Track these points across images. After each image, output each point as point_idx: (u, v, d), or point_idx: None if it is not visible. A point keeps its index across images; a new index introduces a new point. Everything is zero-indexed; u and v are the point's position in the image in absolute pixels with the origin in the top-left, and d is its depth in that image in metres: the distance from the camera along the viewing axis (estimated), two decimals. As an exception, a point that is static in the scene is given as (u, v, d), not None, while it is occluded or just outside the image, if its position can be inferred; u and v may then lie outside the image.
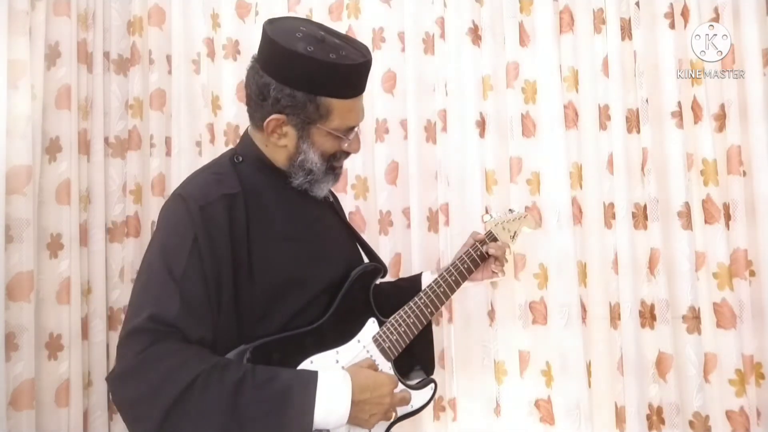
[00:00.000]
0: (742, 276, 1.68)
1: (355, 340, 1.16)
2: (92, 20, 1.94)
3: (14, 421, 1.67)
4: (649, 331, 1.74)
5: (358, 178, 1.88)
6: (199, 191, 1.06)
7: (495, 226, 1.44)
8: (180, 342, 0.96)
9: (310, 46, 1.04)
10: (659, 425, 1.71)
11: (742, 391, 1.63)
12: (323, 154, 1.13)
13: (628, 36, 1.80)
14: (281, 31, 1.06)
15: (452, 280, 1.32)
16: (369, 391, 1.04)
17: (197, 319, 0.98)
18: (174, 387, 0.91)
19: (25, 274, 1.70)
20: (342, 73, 1.06)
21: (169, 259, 1.01)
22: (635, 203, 1.78)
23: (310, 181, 1.15)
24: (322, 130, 1.10)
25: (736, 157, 1.70)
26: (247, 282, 1.04)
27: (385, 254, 1.83)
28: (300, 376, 1.00)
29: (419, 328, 1.24)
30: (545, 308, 1.81)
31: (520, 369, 1.81)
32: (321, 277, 1.15)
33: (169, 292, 0.98)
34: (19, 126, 1.72)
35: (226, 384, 0.93)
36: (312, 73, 1.04)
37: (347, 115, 1.11)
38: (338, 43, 1.08)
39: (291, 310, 1.09)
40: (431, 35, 1.92)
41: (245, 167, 1.14)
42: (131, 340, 0.96)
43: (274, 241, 1.10)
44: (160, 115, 1.97)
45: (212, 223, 1.02)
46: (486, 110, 1.87)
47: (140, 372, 0.94)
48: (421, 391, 1.22)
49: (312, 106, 1.07)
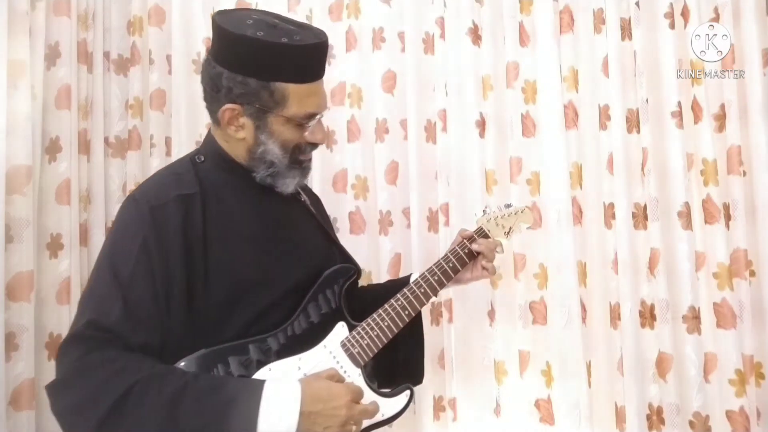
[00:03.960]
0: (742, 276, 1.68)
1: (321, 345, 1.10)
2: (92, 20, 1.94)
3: (14, 421, 1.67)
4: (649, 331, 1.74)
5: (358, 178, 1.88)
6: (153, 192, 1.04)
7: (487, 222, 1.38)
8: (119, 349, 0.93)
9: (260, 31, 1.00)
10: (659, 425, 1.70)
11: (742, 391, 1.63)
12: (284, 145, 1.08)
13: (628, 36, 1.80)
14: (231, 19, 1.04)
15: (435, 281, 1.24)
16: (322, 403, 0.96)
17: (140, 324, 0.95)
18: (109, 396, 0.88)
19: (25, 274, 1.70)
20: (294, 55, 1.01)
21: (116, 263, 0.98)
22: (635, 203, 1.78)
23: (273, 175, 1.10)
24: (279, 117, 1.05)
25: (736, 157, 1.70)
26: (202, 285, 1.01)
27: (385, 254, 1.83)
28: (244, 387, 0.95)
29: (394, 331, 1.17)
30: (545, 308, 1.81)
31: (520, 369, 1.81)
32: (284, 279, 1.09)
33: (112, 297, 0.95)
34: (19, 126, 1.71)
35: (165, 394, 0.89)
36: (263, 57, 1.00)
37: (305, 101, 1.05)
38: (292, 29, 1.05)
39: (251, 314, 1.05)
40: (431, 35, 1.92)
41: (206, 166, 1.11)
42: (69, 347, 0.94)
43: (233, 242, 1.06)
44: (160, 115, 1.97)
45: (163, 224, 0.99)
46: (486, 110, 1.87)
47: (76, 381, 0.91)
48: (394, 399, 1.13)
49: (266, 92, 1.02)
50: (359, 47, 1.90)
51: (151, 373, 0.91)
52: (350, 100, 1.89)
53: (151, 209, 1.00)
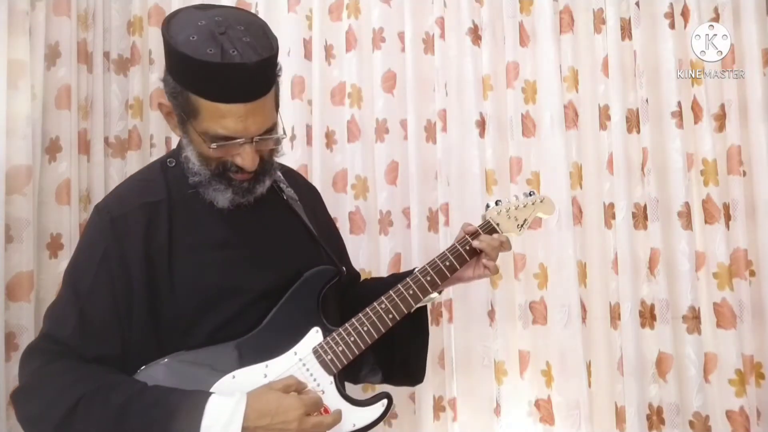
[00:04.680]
0: (742, 276, 1.68)
1: (291, 351, 1.05)
2: (92, 20, 1.94)
3: (14, 421, 1.66)
4: (649, 331, 1.74)
5: (358, 178, 1.88)
6: (117, 201, 1.04)
7: (497, 215, 1.24)
8: (74, 361, 0.94)
9: (195, 35, 0.93)
10: (659, 425, 1.70)
11: (742, 391, 1.63)
12: (200, 156, 1.02)
13: (628, 36, 1.80)
14: (182, 20, 0.98)
15: (427, 281, 1.14)
16: (269, 416, 0.92)
17: (96, 337, 0.95)
18: (59, 408, 0.90)
19: (25, 274, 1.70)
20: (212, 70, 0.92)
21: (75, 276, 0.99)
22: (635, 203, 1.78)
23: (200, 184, 1.04)
24: (193, 129, 0.99)
25: (736, 157, 1.70)
26: (167, 293, 0.99)
27: (385, 254, 1.83)
28: (188, 400, 0.92)
29: (375, 337, 1.09)
30: (545, 308, 1.81)
31: (520, 369, 1.81)
32: (256, 284, 1.05)
33: (68, 310, 0.96)
34: (19, 126, 1.71)
35: (110, 407, 0.90)
36: (182, 65, 0.95)
37: (219, 121, 0.95)
38: (241, 40, 0.94)
39: (218, 321, 1.02)
40: (431, 35, 1.92)
41: (176, 171, 1.07)
42: (28, 358, 0.96)
43: (201, 248, 1.03)
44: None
45: (124, 234, 0.99)
46: (486, 110, 1.87)
47: (32, 392, 0.93)
48: (368, 408, 1.07)
49: (183, 99, 0.97)
50: (359, 47, 1.90)
51: (99, 386, 0.92)
52: (350, 100, 1.89)
53: (112, 220, 1.00)
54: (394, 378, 1.27)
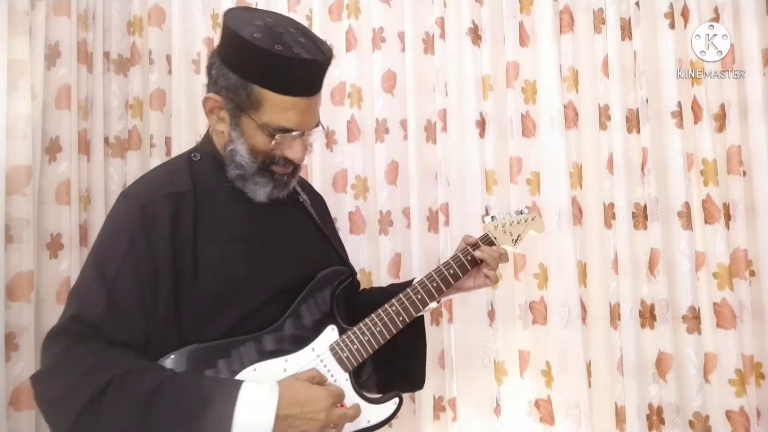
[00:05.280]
0: (742, 276, 1.68)
1: (309, 348, 1.09)
2: (92, 20, 1.94)
3: (14, 421, 1.67)
4: (649, 331, 1.74)
5: (358, 178, 1.88)
6: (144, 190, 1.05)
7: (494, 229, 1.33)
8: (101, 343, 0.94)
9: (260, 33, 0.99)
10: (659, 425, 1.71)
11: (742, 391, 1.63)
12: (252, 149, 1.06)
13: (628, 36, 1.80)
14: (239, 17, 1.04)
15: (433, 287, 1.21)
16: (299, 406, 0.95)
17: (123, 321, 0.96)
18: (86, 390, 0.89)
19: (25, 274, 1.70)
20: (281, 65, 0.98)
21: (103, 260, 0.99)
22: (635, 203, 1.78)
23: (241, 178, 1.08)
24: (252, 121, 1.03)
25: (736, 157, 1.70)
26: (190, 283, 1.01)
27: (385, 254, 1.83)
28: (221, 386, 0.94)
29: (386, 337, 1.15)
30: (545, 308, 1.81)
31: (520, 369, 1.81)
32: (275, 279, 1.09)
33: (97, 293, 0.96)
34: (19, 126, 1.71)
35: (141, 390, 0.90)
36: (249, 58, 0.99)
37: (282, 113, 1.02)
38: (299, 40, 1.02)
39: (239, 313, 1.04)
40: (431, 35, 1.92)
41: (201, 165, 1.11)
42: (52, 340, 0.95)
43: (224, 241, 1.06)
44: (160, 115, 1.96)
45: (152, 222, 1.00)
46: (486, 110, 1.87)
47: (57, 373, 0.93)
48: (382, 405, 1.11)
49: (244, 92, 1.02)
50: (359, 47, 1.90)
51: (129, 369, 0.92)
52: (350, 100, 1.89)
53: (141, 207, 1.01)
54: (396, 383, 1.27)
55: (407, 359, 1.28)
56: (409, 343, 1.26)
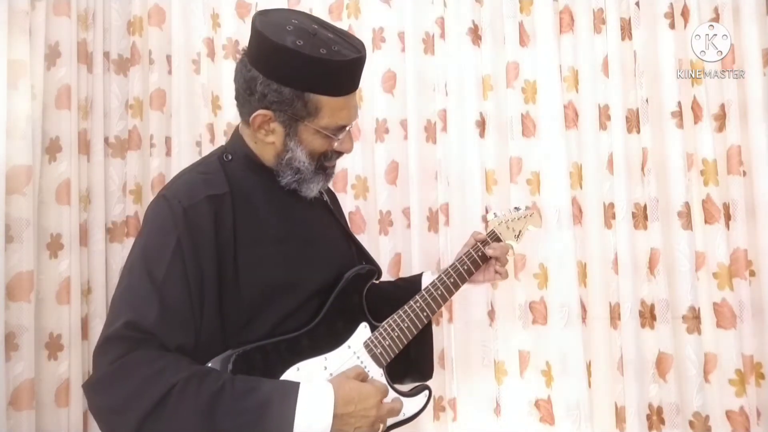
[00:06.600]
0: (742, 276, 1.68)
1: (345, 345, 1.11)
2: (92, 20, 1.94)
3: (14, 421, 1.67)
4: (649, 331, 1.74)
5: (358, 178, 1.88)
6: (184, 192, 1.03)
7: (498, 225, 1.40)
8: (157, 350, 0.93)
9: (300, 39, 0.99)
10: (659, 425, 1.71)
11: (742, 391, 1.63)
12: (311, 153, 1.08)
13: (628, 36, 1.80)
14: (271, 24, 1.02)
15: (451, 283, 1.27)
16: (354, 404, 0.98)
17: (177, 325, 0.95)
18: (149, 397, 0.89)
19: (25, 274, 1.70)
20: (332, 69, 1.01)
21: (150, 263, 0.97)
22: (635, 203, 1.78)
23: (298, 181, 1.10)
24: (310, 128, 1.05)
25: (736, 157, 1.70)
26: (232, 286, 1.01)
27: (385, 254, 1.83)
28: (281, 388, 0.96)
29: (414, 332, 1.19)
30: (545, 308, 1.81)
31: (520, 369, 1.81)
32: (312, 280, 1.10)
33: (148, 298, 0.94)
34: (19, 126, 1.72)
35: (203, 395, 0.90)
36: (300, 68, 0.99)
37: (338, 114, 1.05)
38: (331, 38, 1.04)
39: (279, 315, 1.05)
40: (431, 35, 1.92)
41: (234, 166, 1.10)
42: (107, 347, 0.93)
43: (263, 243, 1.06)
44: (160, 115, 1.97)
45: (196, 225, 0.99)
46: (486, 110, 1.87)
47: (115, 381, 0.92)
48: (414, 399, 1.17)
49: (300, 102, 1.02)
50: (359, 47, 1.90)
51: (190, 374, 0.92)
52: (350, 100, 1.89)
53: (185, 210, 0.99)
54: (408, 374, 1.30)
55: (417, 350, 1.30)
56: (419, 335, 1.27)
